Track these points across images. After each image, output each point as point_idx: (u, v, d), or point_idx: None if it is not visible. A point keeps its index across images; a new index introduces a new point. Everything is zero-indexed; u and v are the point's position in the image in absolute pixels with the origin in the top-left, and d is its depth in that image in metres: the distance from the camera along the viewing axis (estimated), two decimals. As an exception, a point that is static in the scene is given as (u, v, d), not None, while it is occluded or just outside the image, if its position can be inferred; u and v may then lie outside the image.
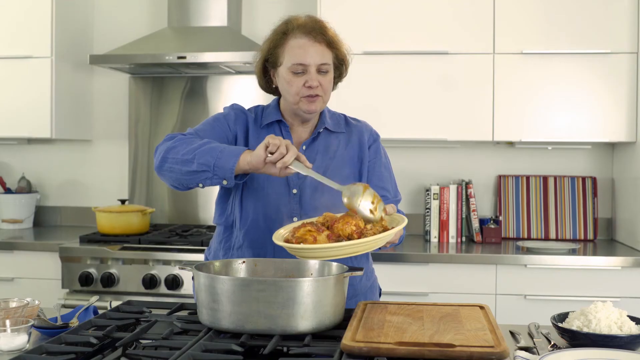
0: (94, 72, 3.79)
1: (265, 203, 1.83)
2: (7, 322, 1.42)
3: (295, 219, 1.83)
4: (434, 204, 3.36)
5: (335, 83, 1.91)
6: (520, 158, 3.55)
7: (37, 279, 3.17)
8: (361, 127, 1.97)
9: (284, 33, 1.82)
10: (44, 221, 3.87)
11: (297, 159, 1.59)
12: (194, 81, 3.73)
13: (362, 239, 1.51)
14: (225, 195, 1.91)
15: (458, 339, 1.31)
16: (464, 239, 3.38)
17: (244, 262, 1.66)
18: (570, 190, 3.46)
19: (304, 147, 1.88)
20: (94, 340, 1.35)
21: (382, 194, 1.92)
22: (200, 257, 2.99)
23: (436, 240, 3.35)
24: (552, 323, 1.51)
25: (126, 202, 3.44)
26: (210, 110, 3.71)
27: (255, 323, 1.39)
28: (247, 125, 1.90)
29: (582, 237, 3.41)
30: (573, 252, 3.02)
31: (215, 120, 1.88)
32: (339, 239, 1.53)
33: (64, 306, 2.78)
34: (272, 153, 1.57)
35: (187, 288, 3.00)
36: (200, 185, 1.71)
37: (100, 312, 1.67)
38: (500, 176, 3.52)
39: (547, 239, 3.43)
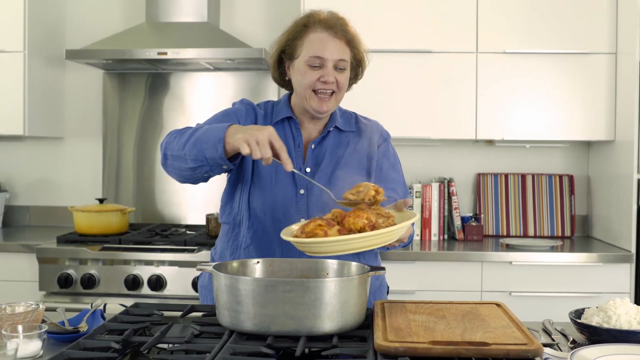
0: (67, 68, 3.68)
1: (273, 203, 1.79)
2: (20, 327, 1.35)
3: (303, 220, 1.80)
4: (416, 202, 3.38)
5: (350, 84, 1.89)
6: (499, 156, 3.59)
7: (11, 281, 3.05)
8: (372, 127, 1.95)
9: (304, 25, 1.80)
10: (13, 221, 3.74)
11: (278, 156, 1.52)
12: (170, 78, 3.65)
13: (373, 231, 1.42)
14: (231, 194, 1.87)
15: (489, 337, 1.31)
16: (445, 236, 3.40)
17: (258, 262, 1.63)
18: (547, 187, 3.52)
19: (312, 146, 1.85)
20: (115, 345, 1.30)
21: (389, 195, 1.90)
22: (184, 256, 2.94)
23: (418, 238, 3.37)
24: (571, 319, 1.53)
25: (104, 202, 3.35)
26: (187, 107, 3.65)
27: (281, 324, 1.36)
28: (256, 122, 1.86)
29: (560, 234, 3.47)
30: (552, 249, 3.07)
31: (224, 115, 1.84)
32: (350, 233, 1.45)
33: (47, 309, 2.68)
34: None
35: (170, 289, 2.94)
36: (208, 175, 1.66)
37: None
38: (479, 174, 3.56)
39: (525, 236, 3.48)
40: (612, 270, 2.94)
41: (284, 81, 1.90)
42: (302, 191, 1.82)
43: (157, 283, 2.93)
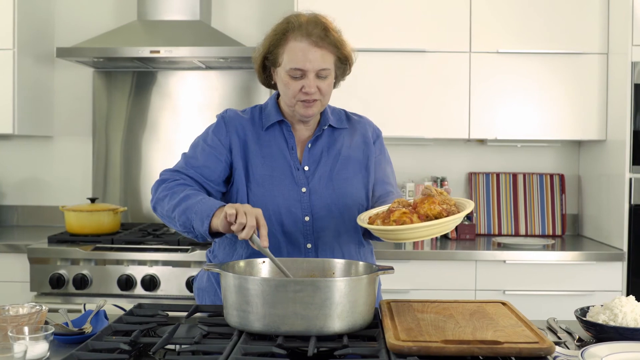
0: (56, 66, 3.64)
1: (275, 206, 1.78)
2: (26, 329, 1.33)
3: (307, 218, 1.80)
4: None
5: (337, 81, 1.87)
6: (490, 155, 3.61)
7: (1, 282, 3.01)
8: (364, 123, 1.95)
9: (284, 33, 1.75)
10: (2, 221, 3.68)
11: (258, 229, 1.54)
12: (158, 76, 3.63)
13: (454, 215, 1.53)
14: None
15: (500, 335, 1.32)
16: (438, 235, 3.40)
17: (264, 261, 1.62)
18: (538, 187, 3.54)
19: (309, 146, 1.84)
20: (125, 347, 1.29)
21: (388, 189, 1.91)
22: (177, 256, 2.92)
23: (411, 237, 3.37)
24: (577, 317, 1.54)
25: (95, 201, 3.31)
26: (177, 106, 3.62)
27: (291, 324, 1.35)
28: (243, 130, 1.83)
29: (551, 233, 3.50)
30: (545, 247, 3.10)
31: (205, 143, 1.82)
32: (428, 219, 1.54)
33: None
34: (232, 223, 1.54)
35: (164, 288, 2.92)
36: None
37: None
38: (471, 173, 3.58)
39: (517, 234, 3.50)
40: (604, 268, 2.97)
41: (270, 84, 1.88)
42: (304, 189, 1.81)
43: (151, 283, 2.90)
